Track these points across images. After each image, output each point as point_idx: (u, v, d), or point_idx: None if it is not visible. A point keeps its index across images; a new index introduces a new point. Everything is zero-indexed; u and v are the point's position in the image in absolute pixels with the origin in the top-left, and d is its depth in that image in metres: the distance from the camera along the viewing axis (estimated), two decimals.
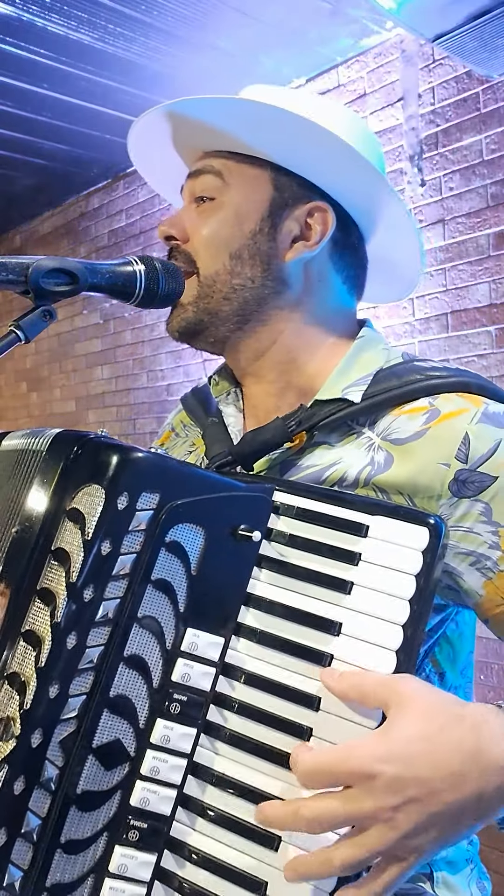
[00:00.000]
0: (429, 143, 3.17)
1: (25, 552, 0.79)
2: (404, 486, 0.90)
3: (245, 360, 1.06)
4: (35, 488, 0.81)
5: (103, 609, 0.75)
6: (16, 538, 0.80)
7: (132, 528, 0.76)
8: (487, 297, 2.97)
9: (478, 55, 2.79)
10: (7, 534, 0.82)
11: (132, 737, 0.75)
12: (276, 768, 0.75)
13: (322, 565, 0.80)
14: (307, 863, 0.69)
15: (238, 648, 0.80)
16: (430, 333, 3.14)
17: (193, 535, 0.78)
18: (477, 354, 3.01)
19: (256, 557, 0.81)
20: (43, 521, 0.79)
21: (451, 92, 3.09)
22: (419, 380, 0.95)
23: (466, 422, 0.91)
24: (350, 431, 0.96)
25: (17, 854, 0.72)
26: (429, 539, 0.77)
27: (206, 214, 1.02)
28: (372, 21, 3.16)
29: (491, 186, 2.97)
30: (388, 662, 0.75)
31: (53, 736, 0.73)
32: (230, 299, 1.00)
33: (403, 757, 0.67)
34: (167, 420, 1.29)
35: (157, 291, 0.95)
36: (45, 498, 0.80)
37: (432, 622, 0.95)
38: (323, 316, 1.04)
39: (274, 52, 3.39)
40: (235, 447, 0.97)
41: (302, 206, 1.01)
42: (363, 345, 1.03)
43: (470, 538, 0.89)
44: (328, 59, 3.47)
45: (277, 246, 1.00)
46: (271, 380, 1.04)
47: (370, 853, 0.67)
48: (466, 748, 0.69)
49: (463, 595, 0.92)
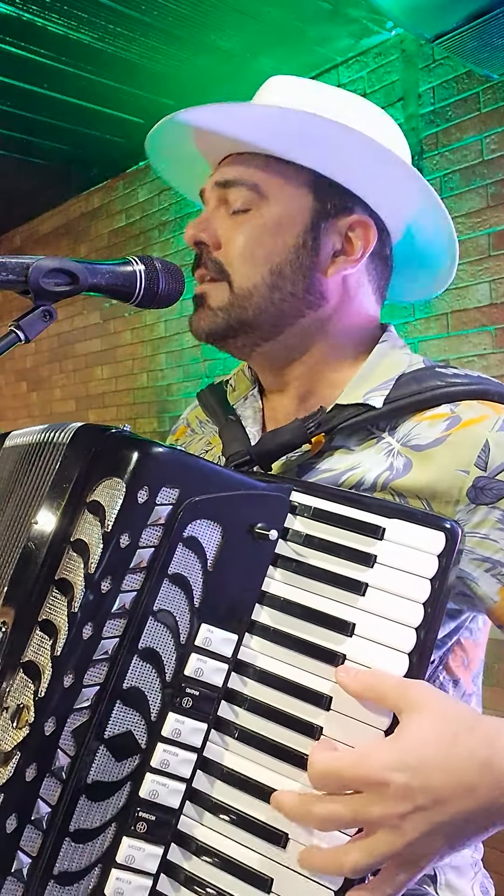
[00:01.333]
0: (429, 143, 3.18)
1: (44, 543, 0.79)
2: (422, 491, 0.90)
3: (272, 369, 1.05)
4: (56, 480, 0.82)
5: (120, 601, 0.75)
6: (35, 528, 0.81)
7: (151, 522, 0.76)
8: (487, 297, 2.98)
9: (478, 55, 2.80)
10: (26, 523, 0.82)
11: (144, 729, 0.76)
12: (285, 766, 0.76)
13: (337, 566, 0.80)
14: (317, 859, 0.71)
15: (251, 646, 0.80)
16: (430, 333, 3.15)
17: (211, 532, 0.79)
18: (477, 354, 3.02)
19: (272, 556, 0.82)
20: (63, 511, 0.79)
21: (451, 92, 3.10)
22: (441, 386, 0.95)
23: (488, 429, 0.91)
24: (370, 436, 0.96)
25: (26, 841, 0.73)
26: (445, 543, 0.77)
27: (243, 226, 0.99)
28: (372, 21, 3.17)
29: (491, 186, 2.98)
30: (401, 665, 0.75)
31: (66, 725, 0.73)
32: (267, 312, 0.99)
33: (415, 765, 0.67)
34: (182, 415, 1.29)
35: (157, 291, 0.95)
36: (66, 490, 0.80)
37: (447, 629, 0.95)
38: (352, 325, 1.04)
39: (274, 52, 3.40)
40: (254, 447, 0.97)
41: (344, 219, 0.99)
42: (385, 350, 1.03)
43: (486, 545, 0.89)
44: (328, 59, 3.48)
45: (319, 261, 0.99)
46: (296, 386, 1.04)
47: (378, 859, 0.68)
48: (479, 759, 0.69)
49: (477, 601, 0.92)
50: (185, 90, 3.75)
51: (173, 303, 1.00)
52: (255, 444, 0.99)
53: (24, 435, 0.92)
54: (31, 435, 0.90)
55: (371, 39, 3.32)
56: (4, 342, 0.86)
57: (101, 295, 0.93)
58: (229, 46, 3.35)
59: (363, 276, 1.03)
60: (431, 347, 3.14)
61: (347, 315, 1.03)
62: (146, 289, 0.94)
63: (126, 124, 4.13)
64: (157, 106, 3.91)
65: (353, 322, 1.03)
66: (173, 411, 4.46)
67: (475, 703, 1.03)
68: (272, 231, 0.98)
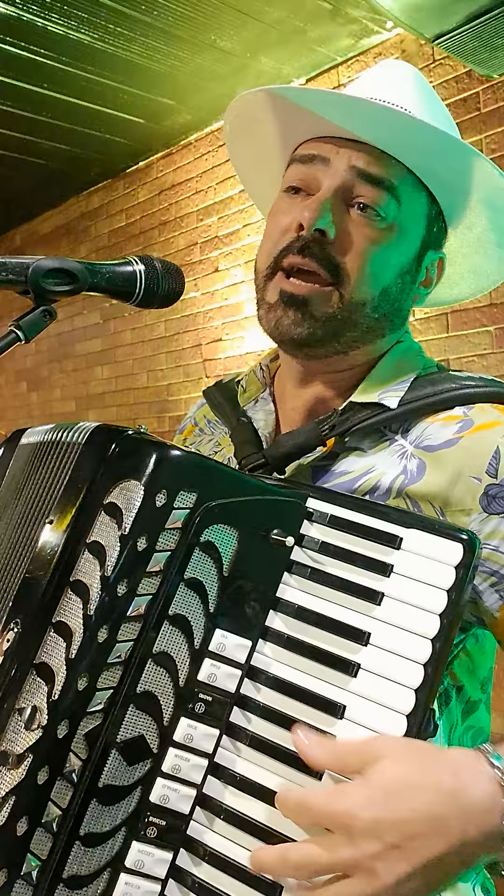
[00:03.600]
0: None
1: (59, 543, 0.79)
2: (436, 498, 0.90)
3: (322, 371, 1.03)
4: (71, 480, 0.81)
5: (135, 604, 0.75)
6: (49, 528, 0.81)
7: (168, 525, 0.76)
8: (487, 297, 2.98)
9: (478, 55, 2.81)
10: (41, 523, 0.82)
11: (156, 734, 0.75)
12: (297, 773, 0.75)
13: (353, 574, 0.80)
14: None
15: (265, 652, 0.80)
16: (430, 333, 3.15)
17: (227, 537, 0.79)
18: (477, 354, 3.02)
19: (287, 562, 0.82)
20: (79, 512, 0.79)
21: (451, 92, 3.10)
22: (454, 388, 0.95)
23: (500, 435, 0.91)
24: (383, 438, 0.96)
25: (36, 843, 0.72)
26: (462, 554, 0.77)
27: (377, 235, 0.94)
28: (372, 21, 3.17)
29: None
30: (416, 675, 0.75)
31: (79, 728, 0.73)
32: (362, 328, 0.96)
33: (382, 800, 0.67)
34: (188, 413, 1.28)
35: (156, 291, 0.94)
36: (81, 490, 0.80)
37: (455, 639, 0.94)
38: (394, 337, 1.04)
39: (274, 52, 3.40)
40: (269, 450, 0.97)
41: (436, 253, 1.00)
42: (403, 350, 1.03)
43: (495, 557, 0.89)
44: (328, 59, 3.48)
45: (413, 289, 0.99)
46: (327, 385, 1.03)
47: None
48: (446, 789, 0.68)
49: (481, 612, 0.92)
50: (185, 90, 3.75)
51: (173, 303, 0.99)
52: (270, 446, 0.98)
53: (39, 433, 0.92)
54: (46, 433, 0.90)
55: (371, 39, 3.32)
56: (4, 342, 0.85)
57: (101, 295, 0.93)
58: (229, 46, 3.35)
59: None
60: (431, 347, 3.14)
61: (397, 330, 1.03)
62: (146, 289, 0.93)
63: (126, 124, 4.13)
64: (157, 106, 3.91)
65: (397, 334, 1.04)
66: (173, 411, 4.46)
67: (483, 709, 1.03)
68: (397, 251, 0.95)
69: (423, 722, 0.74)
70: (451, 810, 0.67)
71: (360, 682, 0.76)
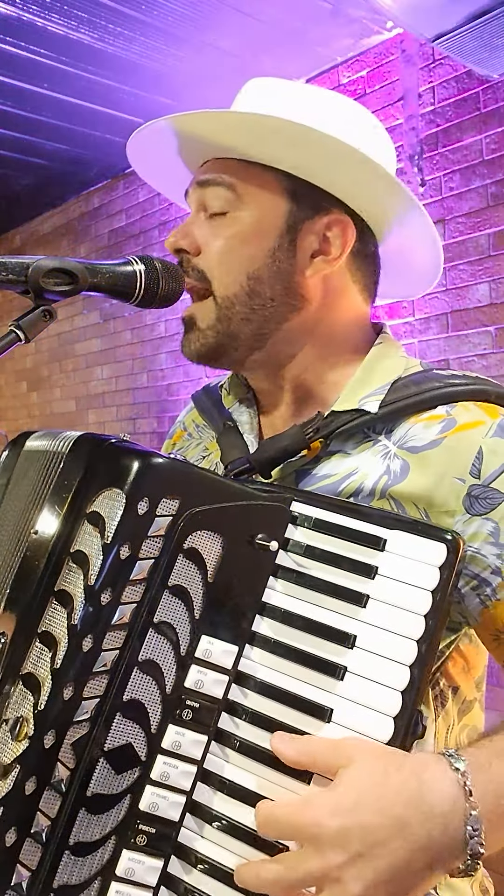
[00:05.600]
0: (429, 142, 3.18)
1: (44, 553, 0.79)
2: (420, 499, 0.90)
3: (264, 377, 1.05)
4: (55, 490, 0.82)
5: (120, 613, 0.75)
6: (34, 539, 0.81)
7: (151, 533, 0.76)
8: (487, 297, 2.98)
9: (478, 55, 2.80)
10: (26, 534, 0.82)
11: (143, 741, 0.75)
12: (286, 778, 0.75)
13: (338, 577, 0.80)
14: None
15: (252, 657, 0.80)
16: (430, 333, 3.15)
17: (211, 543, 0.79)
18: (477, 354, 3.01)
19: (273, 567, 0.81)
20: (62, 522, 0.79)
21: (451, 92, 3.09)
22: (437, 387, 0.94)
23: (482, 435, 0.90)
24: (366, 439, 0.96)
25: (25, 854, 0.72)
26: (446, 555, 0.77)
27: (221, 230, 0.99)
28: (372, 21, 3.16)
29: (491, 186, 2.97)
30: (402, 677, 0.75)
31: (66, 738, 0.73)
32: (250, 320, 0.98)
33: (349, 807, 0.68)
34: (178, 417, 1.28)
35: (156, 291, 0.95)
36: (65, 500, 0.80)
37: (445, 640, 0.95)
38: (341, 327, 1.03)
39: (274, 52, 3.39)
40: (254, 454, 0.97)
41: (320, 219, 0.98)
42: (380, 353, 1.02)
43: (477, 560, 0.89)
44: (328, 59, 3.47)
45: (297, 263, 0.98)
46: (290, 391, 1.04)
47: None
48: (408, 792, 0.69)
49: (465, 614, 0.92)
50: (185, 90, 3.75)
51: (173, 302, 0.99)
52: (255, 451, 0.98)
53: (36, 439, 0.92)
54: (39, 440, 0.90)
55: (371, 39, 3.31)
56: (4, 342, 0.86)
57: (101, 295, 0.93)
58: (229, 46, 3.34)
59: (346, 276, 1.02)
60: (431, 347, 3.13)
61: (334, 316, 1.02)
62: (146, 289, 0.94)
63: (126, 124, 4.12)
64: (157, 106, 3.90)
65: (342, 322, 1.03)
66: (173, 411, 4.46)
67: (478, 708, 1.03)
68: (248, 235, 0.98)
69: (411, 724, 0.74)
70: (414, 813, 0.68)
71: (347, 685, 0.77)
